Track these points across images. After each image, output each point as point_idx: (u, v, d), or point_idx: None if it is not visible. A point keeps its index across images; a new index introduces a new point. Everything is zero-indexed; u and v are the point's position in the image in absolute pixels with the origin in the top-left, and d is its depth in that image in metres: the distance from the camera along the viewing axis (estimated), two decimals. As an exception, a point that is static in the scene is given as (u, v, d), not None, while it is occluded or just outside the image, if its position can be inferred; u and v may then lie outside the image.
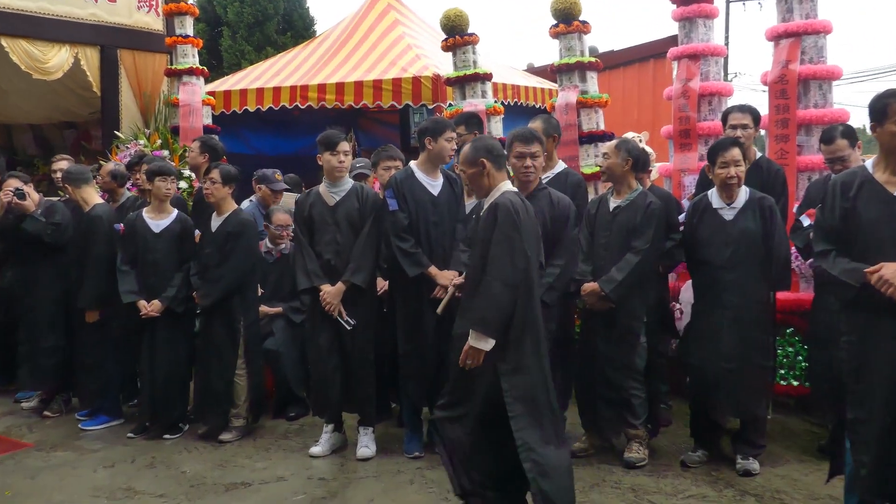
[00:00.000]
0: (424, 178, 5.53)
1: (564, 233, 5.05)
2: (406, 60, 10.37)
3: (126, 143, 9.35)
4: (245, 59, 17.92)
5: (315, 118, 11.38)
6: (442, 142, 5.49)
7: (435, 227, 5.49)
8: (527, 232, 4.00)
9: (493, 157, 4.18)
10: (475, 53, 9.01)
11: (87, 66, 9.85)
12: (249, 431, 6.22)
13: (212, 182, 6.12)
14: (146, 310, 6.10)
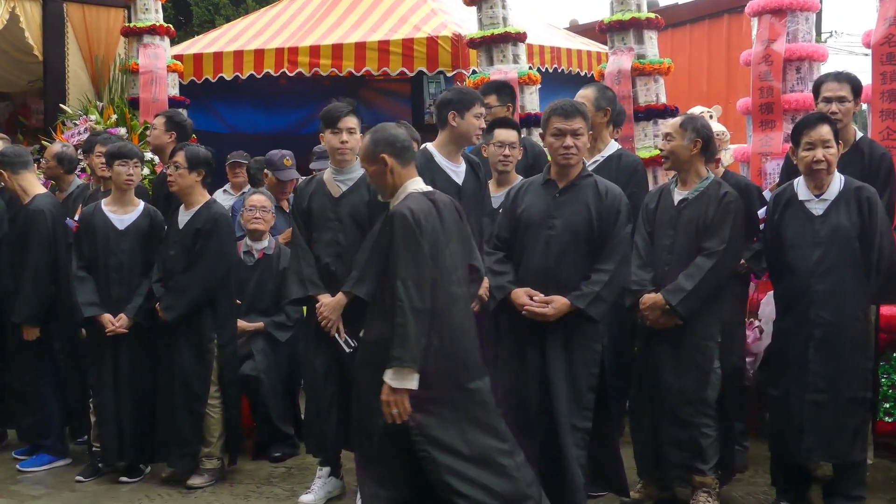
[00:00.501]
0: (446, 163, 5.57)
1: (614, 231, 5.05)
2: (419, 17, 10.44)
3: (74, 118, 9.47)
4: (220, 16, 18.06)
5: (306, 88, 11.49)
6: (470, 118, 5.51)
7: None
8: (435, 242, 4.28)
9: (395, 151, 4.43)
10: (505, 8, 9.06)
11: (25, 24, 9.96)
12: (225, 475, 6.28)
13: (175, 167, 6.17)
14: (112, 326, 6.15)
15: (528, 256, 5.13)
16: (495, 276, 5.17)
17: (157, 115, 7.43)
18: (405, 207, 4.29)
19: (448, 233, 4.37)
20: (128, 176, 6.27)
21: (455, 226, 4.42)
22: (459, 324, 4.38)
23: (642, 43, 8.19)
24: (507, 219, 5.25)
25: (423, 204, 4.34)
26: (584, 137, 5.11)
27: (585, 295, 4.94)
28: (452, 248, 4.37)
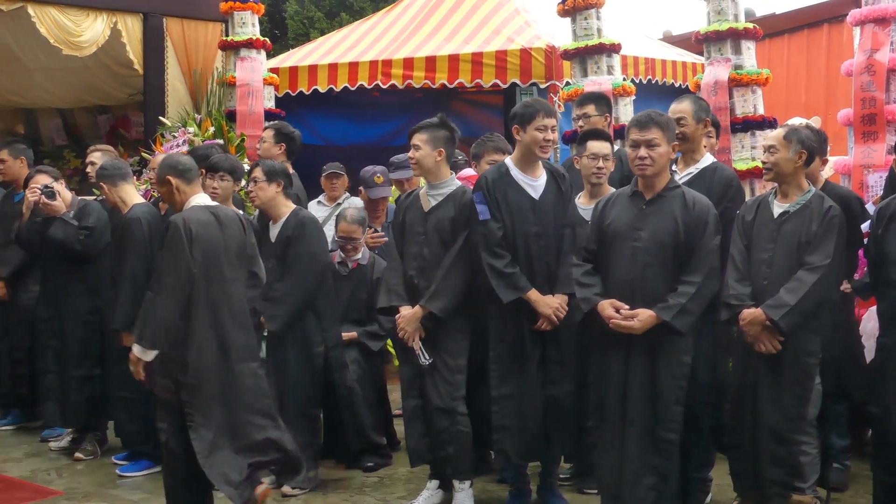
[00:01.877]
0: (522, 177, 5.57)
1: (701, 243, 5.00)
2: (513, 29, 10.47)
3: (173, 130, 9.66)
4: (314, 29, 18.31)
5: (398, 100, 11.56)
6: (531, 131, 5.49)
7: (536, 240, 5.53)
8: (208, 247, 5.07)
9: (178, 173, 5.23)
10: (599, 19, 9.05)
11: (126, 38, 10.19)
12: (318, 483, 6.37)
13: (255, 182, 6.28)
14: None
15: (614, 268, 5.12)
16: (582, 288, 5.16)
17: (266, 128, 7.57)
18: (180, 216, 5.11)
19: (227, 240, 5.19)
20: (213, 189, 6.38)
21: (236, 236, 5.26)
22: (230, 315, 5.15)
23: (740, 53, 8.09)
24: (595, 231, 5.24)
25: (201, 215, 5.15)
26: (660, 148, 5.06)
27: (671, 307, 4.91)
28: (229, 254, 5.19)
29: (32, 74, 11.40)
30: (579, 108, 6.70)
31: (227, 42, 10.09)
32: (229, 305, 5.17)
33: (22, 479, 6.65)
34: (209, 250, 5.08)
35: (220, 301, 5.14)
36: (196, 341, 5.08)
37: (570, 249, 5.46)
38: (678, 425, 4.98)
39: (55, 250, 7.10)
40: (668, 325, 4.90)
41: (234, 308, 5.20)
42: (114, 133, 11.71)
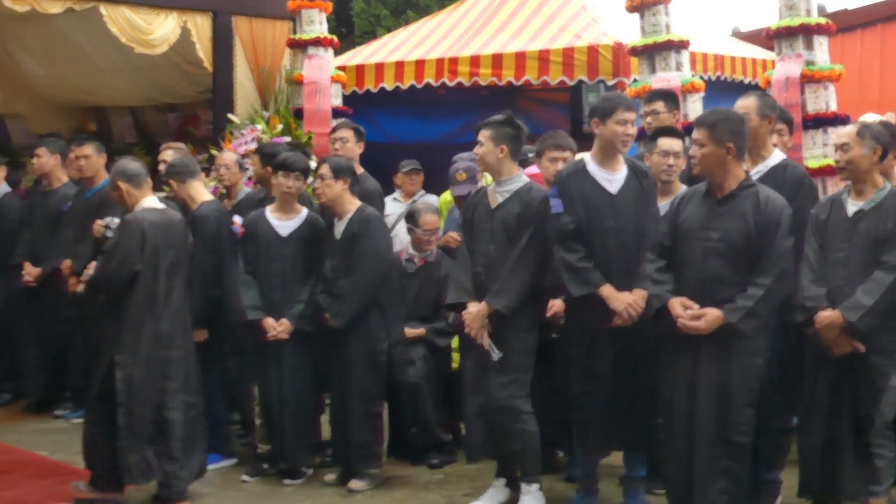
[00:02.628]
0: (599, 173, 5.54)
1: (773, 244, 4.92)
2: (580, 25, 10.41)
3: (241, 128, 9.75)
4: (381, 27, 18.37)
5: (464, 98, 11.56)
6: (611, 125, 5.47)
7: (613, 234, 5.48)
8: (154, 243, 5.75)
9: (127, 178, 5.89)
10: (668, 15, 8.98)
11: (196, 37, 10.29)
12: (384, 480, 6.40)
13: (322, 179, 6.32)
14: (274, 330, 6.34)
15: (685, 267, 5.07)
16: (655, 284, 5.13)
17: (344, 128, 7.60)
18: (132, 215, 5.85)
19: (169, 238, 5.86)
20: (287, 188, 6.44)
21: (179, 236, 5.97)
22: (171, 306, 5.83)
23: (812, 49, 7.98)
24: (669, 228, 5.20)
25: (151, 215, 5.84)
26: (704, 149, 5.03)
27: (739, 308, 4.84)
28: (172, 252, 5.87)
29: (104, 73, 11.57)
30: (648, 105, 6.66)
31: (295, 40, 10.15)
32: (167, 296, 5.83)
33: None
34: (156, 247, 5.78)
35: (158, 291, 5.79)
36: (131, 325, 5.74)
37: (650, 245, 5.40)
38: (749, 428, 4.91)
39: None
40: (733, 326, 4.85)
41: (171, 298, 5.85)
42: (183, 131, 11.84)
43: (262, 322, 6.33)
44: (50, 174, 8.38)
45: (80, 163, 7.89)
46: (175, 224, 6.00)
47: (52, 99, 12.40)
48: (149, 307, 5.78)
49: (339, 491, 6.26)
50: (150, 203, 5.94)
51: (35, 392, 8.54)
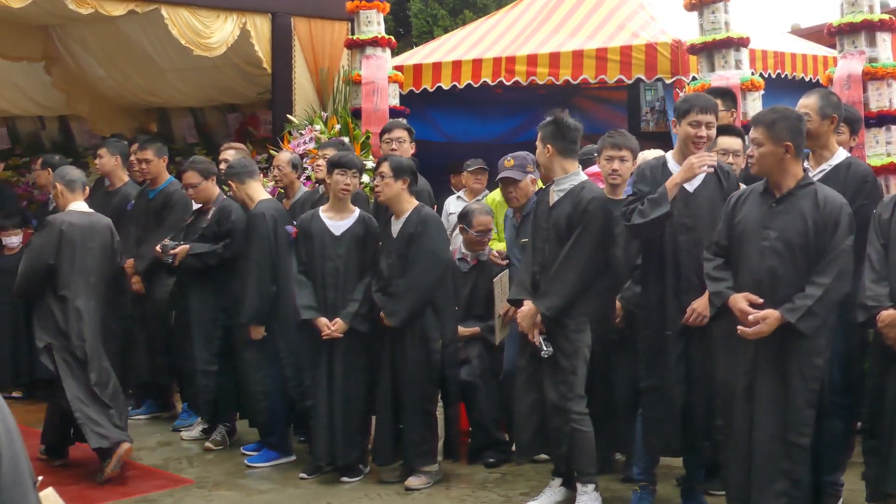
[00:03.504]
0: (677, 169, 5.51)
1: (832, 243, 4.85)
2: (638, 24, 10.35)
3: (300, 128, 9.82)
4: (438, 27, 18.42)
5: (521, 97, 11.56)
6: (684, 125, 5.46)
7: (685, 231, 5.45)
8: (80, 243, 6.50)
9: (65, 183, 6.72)
10: (727, 13, 8.89)
11: (255, 38, 10.37)
12: (441, 478, 6.42)
13: (381, 177, 6.36)
14: (328, 330, 6.39)
15: (743, 266, 5.02)
16: (713, 282, 5.08)
17: (399, 128, 7.64)
18: (54, 216, 6.67)
19: (89, 239, 6.57)
20: (345, 185, 6.49)
21: (102, 239, 6.67)
22: (85, 307, 6.51)
23: (874, 45, 7.86)
24: (726, 227, 5.15)
25: (72, 217, 6.58)
26: (762, 148, 4.97)
27: (797, 308, 4.78)
28: (96, 251, 6.59)
29: (165, 74, 11.72)
30: None
31: (354, 41, 10.20)
32: (84, 291, 6.54)
33: (155, 468, 6.87)
34: (73, 245, 6.48)
35: (73, 286, 6.48)
36: (49, 312, 6.47)
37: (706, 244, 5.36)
38: (810, 429, 4.85)
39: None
40: (791, 326, 4.79)
41: (89, 293, 6.57)
42: (243, 131, 11.94)
43: (316, 321, 6.37)
44: (111, 174, 8.51)
45: (140, 166, 8.05)
46: (98, 227, 6.72)
47: (114, 100, 12.57)
48: (60, 300, 6.49)
49: (397, 489, 6.29)
50: (77, 207, 6.73)
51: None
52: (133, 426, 7.80)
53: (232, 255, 7.16)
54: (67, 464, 6.92)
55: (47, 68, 11.83)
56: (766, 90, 8.93)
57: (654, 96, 11.76)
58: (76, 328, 6.46)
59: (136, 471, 6.77)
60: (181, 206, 7.94)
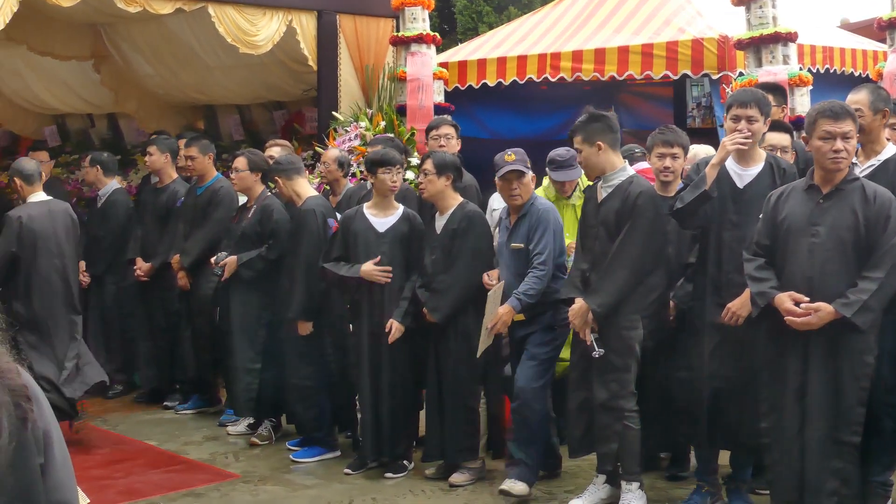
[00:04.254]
0: (732, 166, 5.45)
1: (884, 238, 4.80)
2: (684, 19, 10.27)
3: (345, 125, 9.86)
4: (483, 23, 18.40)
5: (566, 93, 11.51)
6: (727, 121, 5.42)
7: (731, 227, 5.40)
8: (40, 233, 6.93)
9: (23, 177, 7.08)
10: (775, 7, 8.80)
11: (301, 36, 10.41)
12: (485, 475, 6.41)
13: (425, 174, 6.36)
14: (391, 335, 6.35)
15: (790, 265, 4.95)
16: (756, 282, 5.01)
17: (445, 125, 7.65)
18: (15, 210, 7.11)
19: (49, 226, 7.01)
20: (392, 182, 6.50)
21: (62, 225, 7.12)
22: (53, 291, 7.01)
23: (925, 40, 7.76)
24: (768, 225, 5.07)
25: (32, 209, 7.03)
26: (853, 141, 4.91)
27: (852, 303, 4.71)
28: (56, 238, 7.04)
29: (212, 72, 11.79)
30: None
31: (398, 37, 10.22)
32: (47, 276, 6.99)
33: (201, 462, 6.92)
34: (33, 233, 6.94)
35: (37, 272, 6.95)
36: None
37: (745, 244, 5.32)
38: (860, 427, 4.80)
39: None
40: (847, 321, 4.72)
41: (51, 278, 7.01)
42: (289, 128, 12.00)
43: (361, 270, 6.41)
44: (161, 171, 8.59)
45: (187, 163, 8.13)
46: (56, 213, 7.17)
47: (162, 98, 12.68)
48: (28, 280, 6.96)
49: (441, 485, 6.29)
50: (37, 198, 7.16)
51: (146, 384, 8.76)
52: (179, 421, 7.91)
53: (276, 255, 7.20)
54: (118, 459, 7.00)
55: (96, 66, 11.95)
56: (814, 86, 8.83)
57: (700, 92, 11.66)
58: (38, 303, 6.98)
59: (183, 465, 6.83)
60: (227, 202, 8.00)
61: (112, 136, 13.28)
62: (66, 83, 12.56)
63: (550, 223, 6.09)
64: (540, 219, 6.09)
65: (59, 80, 12.46)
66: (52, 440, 1.81)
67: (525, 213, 6.15)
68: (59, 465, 1.80)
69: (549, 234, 6.05)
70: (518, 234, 6.16)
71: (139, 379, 8.88)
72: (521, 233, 6.12)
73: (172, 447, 7.26)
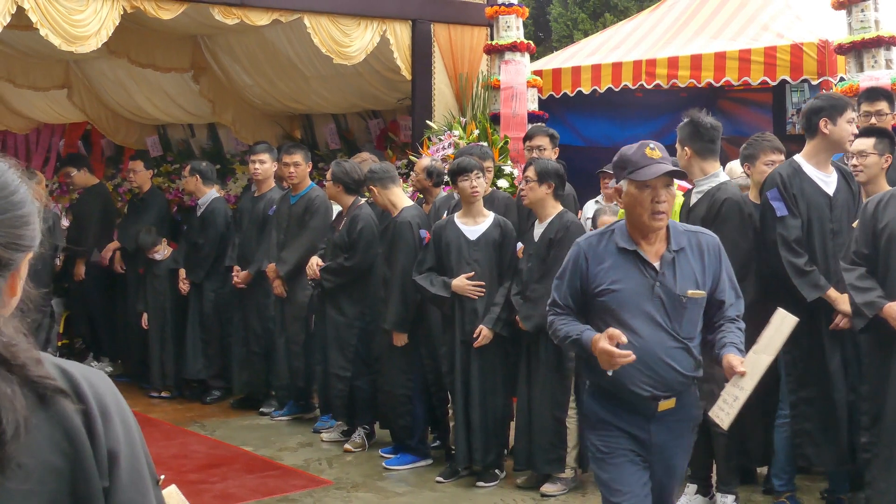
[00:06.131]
0: (816, 174, 5.39)
1: None
2: (782, 24, 10.12)
3: (439, 134, 9.90)
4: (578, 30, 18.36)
5: (661, 100, 11.41)
6: (843, 124, 5.35)
7: (833, 237, 5.35)
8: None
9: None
10: (877, 11, 8.61)
11: (395, 45, 10.49)
12: (578, 485, 6.38)
13: (527, 181, 6.36)
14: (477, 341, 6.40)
15: (894, 274, 4.83)
16: (860, 292, 4.90)
17: (540, 135, 7.65)
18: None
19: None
20: (472, 189, 6.51)
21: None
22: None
23: None
24: (867, 233, 4.95)
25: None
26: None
27: None
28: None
29: (309, 81, 11.94)
30: (871, 105, 6.42)
31: (493, 46, 10.23)
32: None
33: (295, 468, 7.02)
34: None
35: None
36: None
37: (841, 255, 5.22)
38: None
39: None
40: None
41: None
42: (384, 137, 12.10)
43: (455, 284, 6.44)
44: (267, 180, 8.73)
45: (290, 169, 8.22)
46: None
47: (259, 108, 12.88)
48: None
49: (532, 495, 6.29)
50: None
51: (243, 389, 8.91)
52: (275, 427, 8.03)
53: (354, 265, 7.28)
54: (214, 463, 7.13)
55: (195, 77, 12.20)
56: (918, 90, 8.62)
57: (800, 98, 11.47)
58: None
59: (277, 471, 6.93)
60: (323, 210, 8.10)
61: (212, 146, 13.54)
62: (167, 94, 12.84)
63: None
64: (708, 250, 4.08)
65: (160, 91, 12.75)
66: (118, 461, 1.65)
67: (681, 246, 4.04)
68: (125, 488, 1.66)
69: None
70: (682, 272, 4.00)
71: (236, 385, 9.03)
72: (685, 271, 4.00)
73: (267, 453, 7.37)
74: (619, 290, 3.91)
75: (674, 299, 3.90)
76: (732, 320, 4.05)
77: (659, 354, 3.88)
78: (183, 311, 9.14)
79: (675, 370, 3.91)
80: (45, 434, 1.59)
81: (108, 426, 1.66)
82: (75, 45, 8.04)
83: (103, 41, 8.31)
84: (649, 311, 3.89)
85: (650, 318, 3.89)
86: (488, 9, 10.27)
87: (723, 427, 4.01)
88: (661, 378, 3.90)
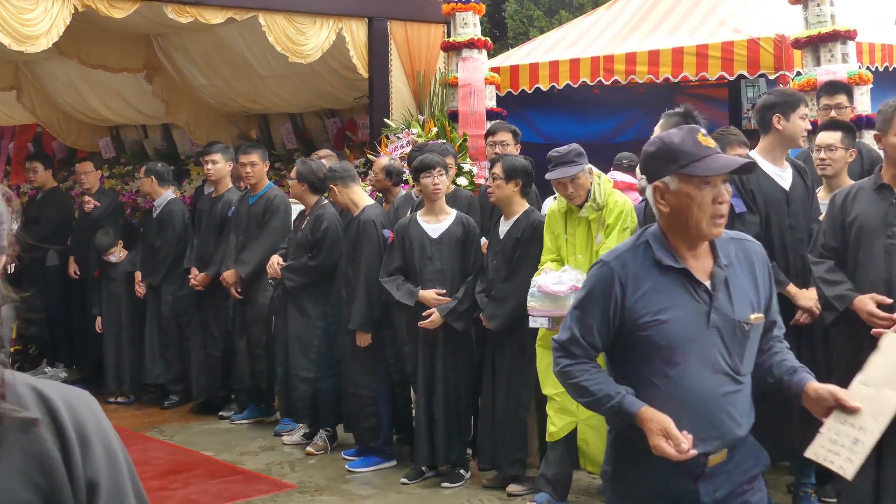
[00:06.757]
0: (772, 169, 5.40)
1: None
2: (739, 19, 10.15)
3: (397, 132, 9.85)
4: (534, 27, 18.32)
5: (620, 96, 11.41)
6: (795, 120, 5.35)
7: (791, 232, 5.35)
8: None
9: None
10: (833, 5, 8.66)
11: (351, 43, 10.43)
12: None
13: (493, 178, 6.33)
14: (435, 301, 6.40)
15: (863, 268, 4.85)
16: (829, 285, 4.92)
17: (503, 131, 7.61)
18: None
19: None
20: (434, 186, 6.47)
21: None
22: None
23: None
24: (834, 227, 4.97)
25: None
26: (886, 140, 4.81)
27: None
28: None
29: (265, 81, 11.84)
30: (831, 98, 6.47)
31: (450, 43, 10.20)
32: None
33: (258, 472, 6.94)
34: None
35: None
36: None
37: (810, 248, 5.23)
38: None
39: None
40: None
41: None
42: (341, 136, 12.03)
43: (423, 296, 6.42)
44: (222, 181, 8.61)
45: (246, 169, 8.12)
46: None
47: (214, 108, 12.76)
48: None
49: (499, 494, 6.25)
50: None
51: (201, 393, 8.80)
52: (235, 431, 7.94)
53: (318, 264, 7.21)
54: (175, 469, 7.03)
55: (148, 78, 12.05)
56: (874, 84, 8.68)
57: (755, 93, 11.53)
58: None
59: (239, 475, 6.85)
60: (282, 210, 8.02)
61: (166, 147, 13.39)
62: (119, 95, 12.68)
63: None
64: (758, 261, 3.34)
65: (112, 92, 12.59)
66: (98, 492, 1.52)
67: (730, 259, 3.24)
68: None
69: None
70: (738, 293, 3.20)
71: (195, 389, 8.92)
72: (739, 291, 3.21)
73: (229, 457, 7.29)
74: (669, 322, 3.06)
75: (734, 328, 3.11)
76: (781, 340, 3.39)
77: (716, 403, 3.09)
78: (140, 314, 9.01)
79: (733, 419, 3.12)
80: (16, 467, 1.47)
81: (87, 455, 1.53)
82: (25, 44, 7.90)
83: (54, 41, 8.17)
84: (705, 347, 3.09)
85: (705, 357, 3.09)
86: (445, 6, 10.23)
87: (847, 477, 3.25)
88: (717, 431, 3.10)
